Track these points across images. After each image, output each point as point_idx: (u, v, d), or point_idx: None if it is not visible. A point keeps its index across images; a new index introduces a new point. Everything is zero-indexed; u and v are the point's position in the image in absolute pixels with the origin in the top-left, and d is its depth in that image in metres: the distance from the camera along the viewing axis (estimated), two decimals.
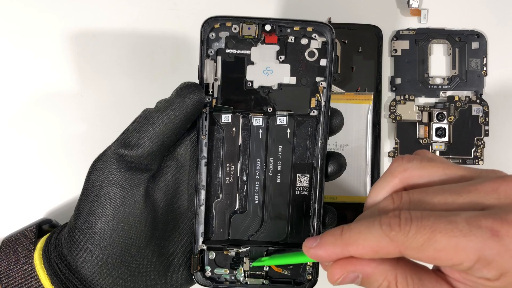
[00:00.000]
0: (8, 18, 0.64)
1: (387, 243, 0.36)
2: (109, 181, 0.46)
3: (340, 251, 0.39)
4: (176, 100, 0.46)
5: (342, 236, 0.38)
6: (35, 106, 0.64)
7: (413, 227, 0.35)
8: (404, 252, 0.36)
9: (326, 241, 0.39)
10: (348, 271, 0.39)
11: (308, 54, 0.49)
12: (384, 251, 0.36)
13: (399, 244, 0.36)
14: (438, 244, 0.34)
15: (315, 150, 0.50)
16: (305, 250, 0.41)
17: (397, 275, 0.38)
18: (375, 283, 0.39)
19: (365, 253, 0.37)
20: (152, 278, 0.49)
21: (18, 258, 0.49)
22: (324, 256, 0.40)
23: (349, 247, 0.38)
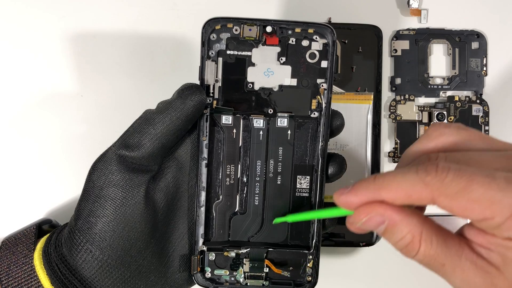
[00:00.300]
0: (8, 19, 0.64)
1: (421, 188, 0.36)
2: (109, 182, 0.46)
3: (372, 196, 0.38)
4: (177, 101, 0.46)
5: (375, 181, 0.38)
6: (35, 107, 0.64)
7: (450, 174, 0.35)
8: (437, 199, 0.35)
9: (359, 186, 0.39)
10: (377, 213, 0.38)
11: (309, 56, 0.48)
12: (417, 196, 0.36)
13: (433, 189, 0.35)
14: (473, 194, 0.34)
15: (316, 152, 0.50)
16: (336, 197, 0.40)
17: (423, 231, 0.38)
18: (398, 233, 0.38)
19: (398, 197, 0.37)
20: (152, 279, 0.49)
21: (18, 258, 0.49)
22: (356, 201, 0.39)
23: (382, 190, 0.37)
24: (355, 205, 0.39)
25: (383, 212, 0.38)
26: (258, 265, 0.50)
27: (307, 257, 0.50)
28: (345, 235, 0.64)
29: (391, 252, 0.64)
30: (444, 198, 0.35)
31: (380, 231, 0.39)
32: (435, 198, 0.35)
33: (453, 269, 0.37)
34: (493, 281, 0.36)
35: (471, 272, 0.37)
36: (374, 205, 0.38)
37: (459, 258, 0.37)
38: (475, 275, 0.37)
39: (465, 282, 0.37)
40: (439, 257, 0.37)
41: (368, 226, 0.39)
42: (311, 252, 0.50)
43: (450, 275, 0.38)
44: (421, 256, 0.38)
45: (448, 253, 0.37)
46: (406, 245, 0.38)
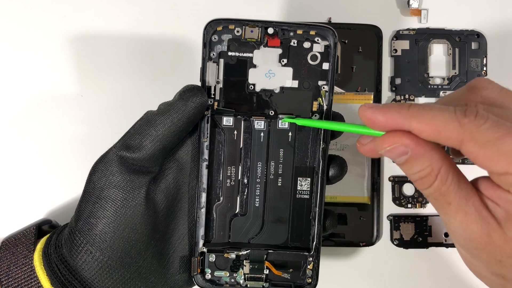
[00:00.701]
0: (8, 19, 0.64)
1: (454, 127, 0.36)
2: (110, 183, 0.46)
3: (400, 121, 0.38)
4: (179, 103, 0.46)
5: (409, 108, 0.38)
6: (35, 107, 0.63)
7: (488, 122, 0.35)
8: (466, 143, 0.35)
9: (390, 107, 0.39)
10: (402, 143, 0.38)
11: (310, 58, 0.48)
12: (447, 134, 0.36)
13: (466, 132, 0.35)
14: (504, 146, 0.34)
15: (317, 154, 0.50)
16: (362, 110, 0.39)
17: (442, 167, 0.38)
18: (418, 165, 0.39)
19: (427, 130, 0.37)
20: (152, 280, 0.49)
21: (18, 259, 0.49)
22: (381, 121, 0.39)
23: (413, 119, 0.37)
24: (378, 125, 0.39)
25: (409, 142, 0.38)
26: (258, 267, 0.50)
27: (307, 259, 0.50)
28: (345, 235, 0.64)
29: (391, 252, 0.65)
30: (473, 144, 0.35)
31: (400, 161, 0.39)
32: (465, 141, 0.36)
33: (457, 210, 0.38)
34: (490, 232, 0.37)
35: (472, 217, 0.38)
36: (400, 135, 0.38)
37: (466, 201, 0.38)
38: (475, 222, 0.37)
39: (463, 225, 0.38)
40: (448, 195, 0.38)
41: (390, 154, 0.39)
42: (312, 254, 0.50)
43: (451, 215, 0.38)
44: (432, 190, 0.39)
45: (458, 194, 0.38)
46: (422, 177, 0.39)
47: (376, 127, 0.40)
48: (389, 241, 0.65)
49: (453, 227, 0.39)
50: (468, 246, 0.39)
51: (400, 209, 0.66)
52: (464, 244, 0.39)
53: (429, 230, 0.65)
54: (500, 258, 0.38)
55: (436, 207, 0.40)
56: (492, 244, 0.37)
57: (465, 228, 0.38)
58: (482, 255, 0.38)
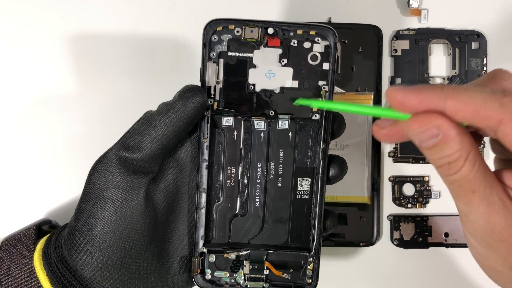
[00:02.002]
0: (8, 19, 0.64)
1: (493, 107, 0.35)
2: (110, 183, 0.46)
3: (435, 102, 0.36)
4: (178, 103, 0.46)
5: (443, 89, 0.36)
6: (35, 107, 0.64)
7: None
8: (506, 123, 0.34)
9: (424, 88, 0.37)
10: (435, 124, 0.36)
11: (310, 58, 0.48)
12: (486, 114, 0.35)
13: (507, 111, 0.34)
14: None
15: (317, 154, 0.50)
16: (391, 92, 0.37)
17: (470, 153, 0.36)
18: (449, 149, 0.37)
19: (464, 110, 0.35)
20: (152, 280, 0.49)
21: (18, 259, 0.49)
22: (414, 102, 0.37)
23: (448, 99, 0.35)
24: (410, 106, 0.37)
25: (442, 124, 0.36)
26: (258, 267, 0.50)
27: (307, 259, 0.50)
28: (345, 235, 0.64)
29: (391, 252, 0.65)
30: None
31: (429, 144, 0.37)
32: (504, 121, 0.35)
33: (481, 199, 0.37)
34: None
35: (495, 208, 0.37)
36: (435, 116, 0.36)
37: (491, 191, 0.37)
38: (498, 212, 0.37)
39: (486, 216, 0.37)
40: (474, 183, 0.37)
41: (420, 136, 0.37)
42: (312, 255, 0.50)
43: (474, 205, 0.37)
44: (458, 176, 0.37)
45: (484, 182, 0.37)
46: (450, 162, 0.37)
47: (407, 109, 0.37)
48: (389, 241, 0.65)
49: (474, 217, 0.38)
50: (488, 238, 0.38)
51: (400, 209, 0.66)
52: (483, 236, 0.38)
53: (429, 230, 0.65)
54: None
55: (458, 195, 0.38)
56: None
57: (487, 219, 0.37)
58: (502, 247, 0.37)
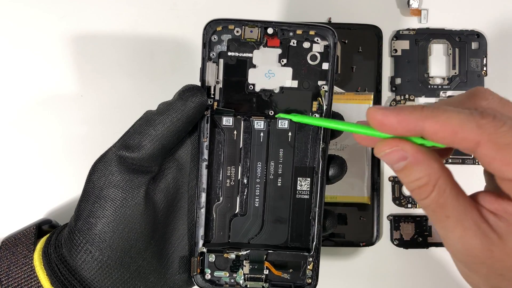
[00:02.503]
0: (8, 19, 0.64)
1: (471, 128, 0.35)
2: (109, 182, 0.46)
3: (414, 123, 0.36)
4: (178, 102, 0.46)
5: (423, 110, 0.36)
6: (35, 107, 0.64)
7: (506, 125, 0.34)
8: (483, 144, 0.35)
9: (404, 109, 0.37)
10: (402, 148, 0.38)
11: (310, 58, 0.48)
12: (464, 135, 0.35)
13: (485, 133, 0.34)
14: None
15: (316, 154, 0.50)
16: (372, 112, 0.38)
17: (440, 178, 0.37)
18: (416, 173, 0.37)
19: (442, 131, 0.36)
20: (152, 280, 0.49)
21: (18, 259, 0.49)
22: (393, 122, 0.37)
23: (427, 120, 0.36)
24: (389, 126, 0.37)
25: (409, 148, 0.37)
26: (258, 267, 0.50)
27: (307, 259, 0.50)
28: (345, 235, 0.64)
29: (391, 252, 0.65)
30: (491, 146, 0.35)
31: (398, 167, 0.38)
32: (482, 143, 0.35)
33: (455, 224, 0.37)
34: (490, 247, 0.36)
35: (471, 232, 0.37)
36: (403, 140, 0.38)
37: (465, 215, 0.37)
38: (474, 236, 0.37)
39: (462, 240, 0.37)
40: (446, 208, 0.37)
41: (388, 158, 0.38)
42: (311, 255, 0.50)
43: (449, 230, 0.38)
44: (429, 201, 0.38)
45: (457, 207, 0.37)
46: (419, 187, 0.38)
47: (386, 130, 0.38)
48: (389, 241, 0.65)
49: (451, 241, 0.38)
50: (467, 261, 0.38)
51: (400, 209, 0.66)
52: (462, 259, 0.39)
53: (429, 230, 0.65)
54: (501, 271, 0.37)
55: (433, 220, 0.39)
56: (492, 258, 0.37)
57: (463, 243, 0.37)
58: (482, 269, 0.38)
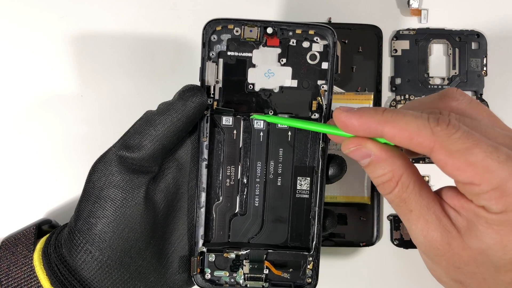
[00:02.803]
0: (8, 19, 0.64)
1: (426, 134, 0.37)
2: (110, 183, 0.46)
3: (374, 126, 0.39)
4: (178, 103, 0.46)
5: (383, 114, 0.39)
6: (35, 107, 0.63)
7: (459, 132, 0.36)
8: (436, 150, 0.36)
9: (365, 112, 0.40)
10: (366, 146, 0.40)
11: (309, 57, 0.48)
12: (419, 141, 0.37)
13: (437, 140, 0.36)
14: (472, 157, 0.35)
15: (316, 153, 0.50)
16: (337, 114, 0.41)
17: (403, 174, 0.40)
18: (380, 170, 0.40)
19: (399, 136, 0.38)
20: (152, 280, 0.49)
21: (18, 259, 0.49)
22: (355, 125, 0.40)
23: (386, 124, 0.38)
24: (352, 128, 0.40)
25: (373, 146, 0.40)
26: (258, 267, 0.50)
27: (307, 258, 0.50)
28: (345, 235, 0.64)
29: (391, 252, 0.64)
30: (443, 152, 0.36)
31: (364, 163, 0.41)
32: (435, 149, 0.36)
33: (418, 217, 0.39)
34: (450, 241, 0.38)
35: (432, 225, 0.39)
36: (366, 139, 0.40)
37: (427, 210, 0.39)
38: (435, 229, 0.39)
39: (424, 233, 0.39)
40: (409, 203, 0.40)
41: (354, 155, 0.42)
42: (311, 254, 0.50)
43: (413, 223, 0.40)
44: (393, 196, 0.40)
45: (419, 202, 0.39)
46: (383, 182, 0.41)
47: (349, 131, 0.41)
48: (389, 241, 0.65)
49: (414, 233, 0.40)
50: (429, 253, 0.40)
51: None
52: (424, 250, 0.40)
53: None
54: (458, 265, 0.39)
55: (398, 213, 0.41)
56: (451, 251, 0.38)
57: (425, 236, 0.39)
58: (442, 261, 0.39)
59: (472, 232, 0.37)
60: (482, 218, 0.37)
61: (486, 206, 0.36)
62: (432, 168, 0.64)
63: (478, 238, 0.37)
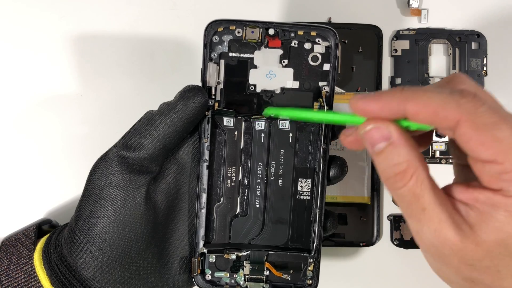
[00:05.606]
0: (9, 19, 0.64)
1: (451, 108, 0.35)
2: (110, 183, 0.46)
3: (395, 106, 0.36)
4: (179, 103, 0.46)
5: (402, 91, 0.36)
6: (36, 107, 0.63)
7: (486, 106, 0.34)
8: (462, 123, 0.35)
9: (384, 93, 0.37)
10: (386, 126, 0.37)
11: (311, 59, 0.48)
12: (444, 114, 0.35)
13: (464, 112, 0.34)
14: (500, 133, 0.34)
15: (317, 155, 0.50)
16: (354, 101, 0.38)
17: (418, 168, 0.37)
18: (396, 157, 0.37)
19: (424, 111, 0.36)
20: (152, 280, 0.49)
21: (18, 259, 0.49)
22: (375, 108, 0.37)
23: (408, 102, 0.36)
24: (372, 112, 0.38)
25: (394, 129, 0.37)
26: (258, 268, 0.50)
27: (307, 260, 0.50)
28: (345, 235, 0.64)
29: (391, 252, 0.65)
30: (469, 125, 0.34)
31: (379, 148, 0.38)
32: (461, 122, 0.35)
33: (431, 217, 0.37)
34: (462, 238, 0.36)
35: (446, 224, 0.37)
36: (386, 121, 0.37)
37: (441, 208, 0.37)
38: (448, 228, 0.36)
39: (437, 233, 0.37)
40: (423, 200, 0.37)
41: (370, 136, 0.38)
42: (312, 256, 0.50)
43: (425, 223, 0.37)
44: (406, 191, 0.37)
45: (433, 199, 0.37)
46: (397, 173, 0.37)
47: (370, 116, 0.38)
48: (389, 241, 0.65)
49: (425, 235, 0.38)
50: (440, 254, 0.38)
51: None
52: (435, 251, 0.38)
53: None
54: (471, 262, 0.37)
55: (407, 213, 0.39)
56: (464, 249, 0.37)
57: (438, 236, 0.37)
58: (454, 260, 0.38)
59: (488, 224, 0.36)
60: (501, 206, 0.35)
61: (505, 188, 0.35)
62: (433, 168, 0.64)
63: (496, 229, 0.36)
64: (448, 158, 0.65)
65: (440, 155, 0.65)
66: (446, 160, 0.65)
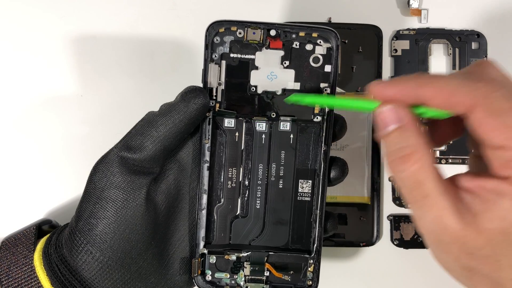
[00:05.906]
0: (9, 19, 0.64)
1: (466, 92, 0.35)
2: (111, 183, 0.46)
3: (412, 90, 0.38)
4: (180, 104, 0.46)
5: (419, 78, 0.38)
6: (36, 107, 0.63)
7: (501, 90, 0.35)
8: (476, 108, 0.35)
9: (400, 79, 0.39)
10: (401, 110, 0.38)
11: (312, 60, 0.48)
12: (459, 99, 0.36)
13: (479, 96, 0.35)
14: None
15: (318, 156, 0.50)
16: (372, 87, 0.39)
17: (424, 155, 0.37)
18: (405, 140, 0.38)
19: (438, 96, 0.36)
20: (152, 281, 0.49)
21: (18, 259, 0.49)
22: (391, 93, 0.39)
23: (424, 86, 0.37)
24: (389, 97, 0.39)
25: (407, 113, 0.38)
26: (258, 269, 0.50)
27: (308, 261, 0.50)
28: (345, 235, 0.64)
29: (391, 252, 0.65)
30: (483, 110, 0.35)
31: (390, 129, 0.39)
32: (476, 106, 0.35)
33: (433, 204, 0.37)
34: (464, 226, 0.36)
35: (448, 212, 0.37)
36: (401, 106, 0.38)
37: (443, 195, 0.37)
38: (450, 216, 0.37)
39: (438, 220, 0.37)
40: (425, 187, 0.37)
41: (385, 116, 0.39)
42: (312, 257, 0.50)
43: (426, 210, 0.38)
44: (409, 174, 0.38)
45: (436, 186, 0.37)
46: (403, 156, 0.38)
47: (388, 100, 0.39)
48: (389, 241, 0.65)
49: (425, 222, 0.38)
50: (440, 241, 0.38)
51: (400, 209, 0.66)
52: (435, 239, 0.38)
53: None
54: (471, 250, 0.37)
55: (410, 199, 0.39)
56: (465, 237, 0.37)
57: (439, 223, 0.37)
58: (453, 249, 0.38)
59: (492, 212, 0.36)
60: (507, 194, 0.35)
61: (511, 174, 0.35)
62: None
63: (499, 217, 0.36)
64: (448, 158, 0.65)
65: (440, 155, 0.65)
66: (446, 160, 0.65)
